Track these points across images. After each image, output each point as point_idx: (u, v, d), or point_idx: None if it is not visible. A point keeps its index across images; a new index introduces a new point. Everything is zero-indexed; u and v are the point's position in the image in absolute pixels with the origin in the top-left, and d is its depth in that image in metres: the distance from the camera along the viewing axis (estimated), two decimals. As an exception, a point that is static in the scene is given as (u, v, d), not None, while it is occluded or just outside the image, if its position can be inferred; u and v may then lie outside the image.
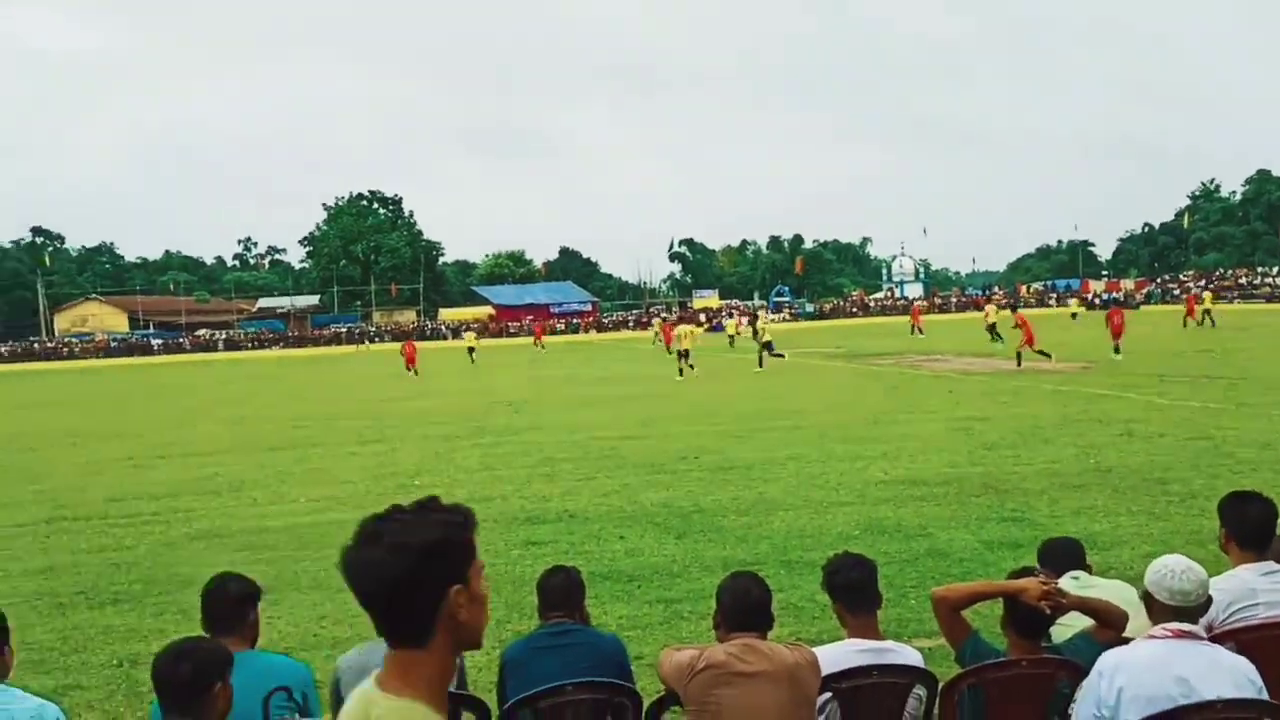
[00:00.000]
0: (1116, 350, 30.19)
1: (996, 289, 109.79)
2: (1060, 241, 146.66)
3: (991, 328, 42.24)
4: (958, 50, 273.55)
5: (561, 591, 4.69)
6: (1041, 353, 28.65)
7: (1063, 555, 4.99)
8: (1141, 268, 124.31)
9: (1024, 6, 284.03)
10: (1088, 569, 4.99)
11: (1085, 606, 4.04)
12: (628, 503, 11.81)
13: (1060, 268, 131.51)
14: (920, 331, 51.98)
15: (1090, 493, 11.04)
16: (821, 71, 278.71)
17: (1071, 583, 4.64)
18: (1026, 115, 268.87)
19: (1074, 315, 66.23)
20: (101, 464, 17.68)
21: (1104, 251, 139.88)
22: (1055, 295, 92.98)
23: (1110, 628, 4.00)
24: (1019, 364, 28.27)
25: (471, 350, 52.47)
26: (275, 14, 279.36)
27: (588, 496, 12.33)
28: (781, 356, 35.39)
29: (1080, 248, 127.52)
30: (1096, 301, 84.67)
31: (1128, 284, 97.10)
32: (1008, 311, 45.96)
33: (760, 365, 33.52)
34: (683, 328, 34.20)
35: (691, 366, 32.02)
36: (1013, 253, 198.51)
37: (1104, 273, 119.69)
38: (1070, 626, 4.24)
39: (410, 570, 1.72)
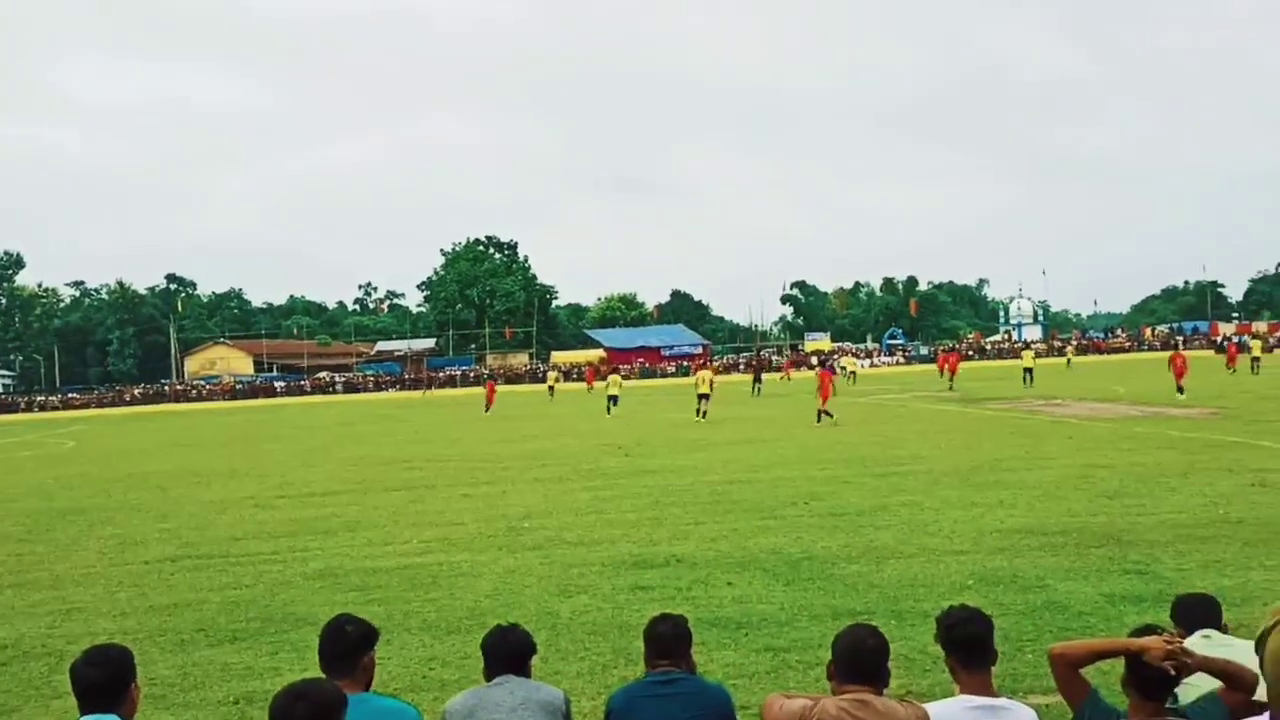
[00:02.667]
0: (1179, 390, 32.48)
1: (1120, 331, 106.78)
2: (1188, 282, 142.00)
3: (1027, 371, 45.95)
4: (1079, 87, 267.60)
5: (669, 640, 4.67)
6: (826, 413, 29.33)
7: (1197, 612, 4.81)
8: (1275, 309, 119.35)
9: (1146, 39, 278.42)
10: (1223, 628, 4.78)
11: (1212, 667, 3.85)
12: (736, 548, 11.71)
13: (1188, 309, 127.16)
14: (951, 380, 49.95)
15: (1219, 545, 10.57)
16: (937, 111, 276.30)
17: (1202, 641, 4.45)
18: (1151, 151, 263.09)
19: (1069, 362, 66.85)
20: (225, 503, 18.25)
21: (1235, 293, 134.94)
22: (1182, 338, 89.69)
23: (1239, 690, 3.81)
24: (819, 419, 29.23)
25: (551, 389, 63.77)
26: (395, 67, 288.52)
27: (696, 541, 12.26)
28: (702, 415, 33.35)
29: (1209, 289, 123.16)
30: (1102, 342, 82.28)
31: (1260, 326, 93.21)
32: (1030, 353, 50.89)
33: (701, 416, 33.37)
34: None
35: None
36: (1137, 294, 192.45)
37: (1234, 315, 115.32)
38: (1197, 687, 4.05)
39: None
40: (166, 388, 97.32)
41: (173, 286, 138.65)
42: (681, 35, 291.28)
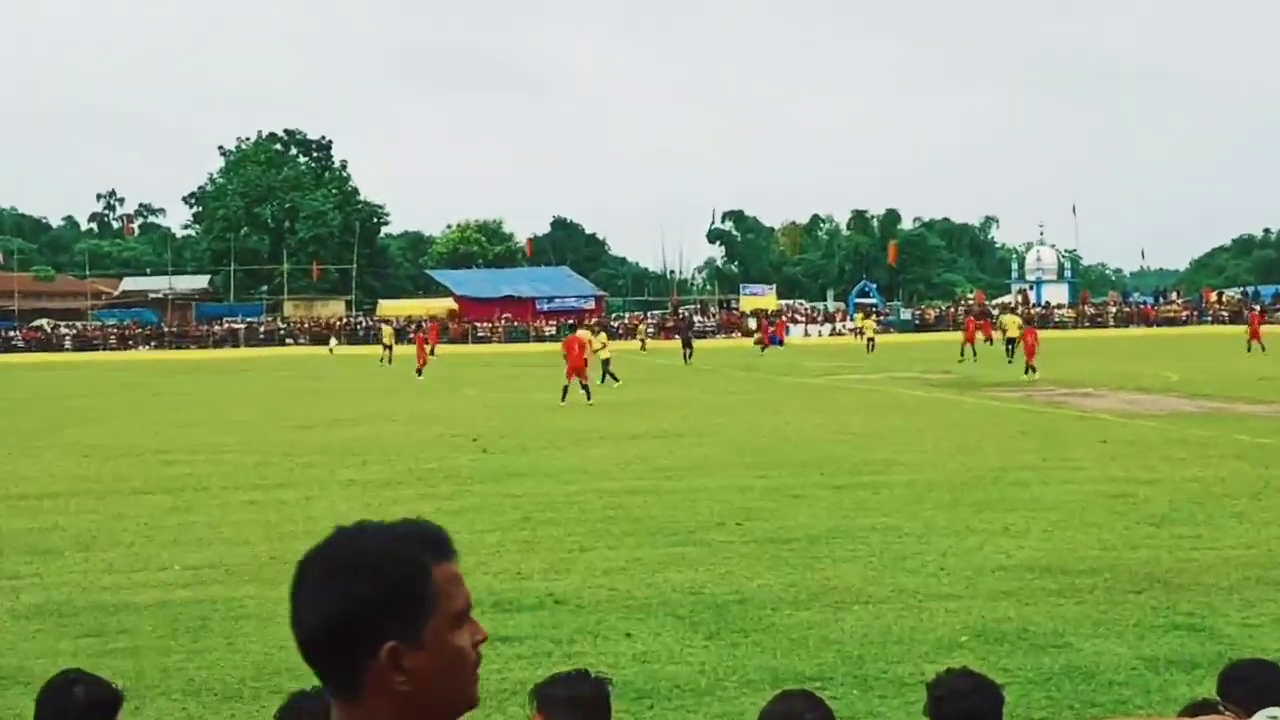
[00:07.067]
0: (1027, 370, 40.84)
1: (1176, 294, 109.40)
2: (1269, 231, 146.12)
3: (1009, 345, 49.35)
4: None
5: (592, 710, 4.60)
6: (584, 387, 34.60)
7: (1256, 683, 4.98)
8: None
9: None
10: (1293, 703, 4.97)
11: (1288, 758, 4.04)
12: (639, 585, 11.81)
13: (1267, 266, 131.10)
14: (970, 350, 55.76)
15: (1301, 592, 11.00)
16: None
17: (1269, 721, 4.64)
18: (1222, 54, 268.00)
19: (870, 340, 70.03)
20: (-105, 506, 17.79)
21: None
22: (1259, 305, 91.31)
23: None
24: (606, 379, 37.32)
25: (388, 349, 66.48)
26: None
27: (582, 574, 12.33)
28: (615, 380, 40.07)
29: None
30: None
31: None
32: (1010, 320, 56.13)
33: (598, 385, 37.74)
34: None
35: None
36: (1200, 246, 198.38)
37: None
38: (1265, 785, 4.23)
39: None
40: None
41: None
42: None
